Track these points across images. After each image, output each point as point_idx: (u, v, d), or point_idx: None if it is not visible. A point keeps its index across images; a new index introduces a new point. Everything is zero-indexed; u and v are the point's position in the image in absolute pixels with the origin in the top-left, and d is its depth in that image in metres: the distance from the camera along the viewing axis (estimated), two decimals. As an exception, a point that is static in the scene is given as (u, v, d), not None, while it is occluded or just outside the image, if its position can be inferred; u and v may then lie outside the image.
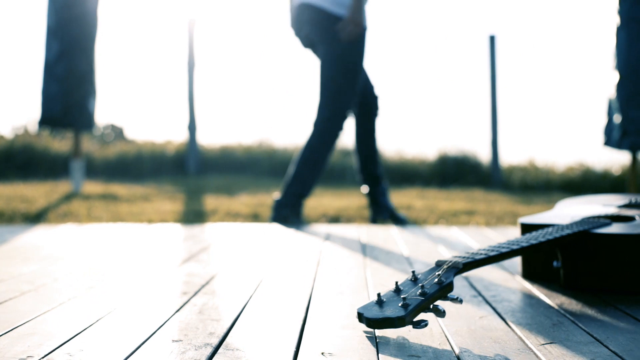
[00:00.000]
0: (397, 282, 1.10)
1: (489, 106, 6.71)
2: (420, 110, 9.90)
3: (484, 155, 7.01)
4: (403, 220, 3.08)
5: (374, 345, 1.01)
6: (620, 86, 3.64)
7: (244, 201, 4.16)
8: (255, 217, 3.36)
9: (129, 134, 10.47)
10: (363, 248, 2.15)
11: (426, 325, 1.01)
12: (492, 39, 6.50)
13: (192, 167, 6.72)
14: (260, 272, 1.68)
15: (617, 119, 3.64)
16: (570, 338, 1.06)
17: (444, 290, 1.08)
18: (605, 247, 1.38)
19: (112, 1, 8.80)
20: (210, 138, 8.87)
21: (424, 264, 1.83)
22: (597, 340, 1.04)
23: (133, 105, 13.62)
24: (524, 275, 1.61)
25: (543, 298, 1.37)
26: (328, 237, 2.46)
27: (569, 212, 1.68)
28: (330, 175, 7.01)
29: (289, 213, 2.95)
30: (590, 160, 6.80)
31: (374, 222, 3.14)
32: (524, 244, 1.32)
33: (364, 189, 3.18)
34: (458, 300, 1.09)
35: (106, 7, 6.21)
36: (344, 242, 2.32)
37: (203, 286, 1.49)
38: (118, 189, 4.89)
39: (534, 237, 1.38)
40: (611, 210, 1.66)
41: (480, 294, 1.41)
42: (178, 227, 2.82)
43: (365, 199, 3.26)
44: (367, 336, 1.06)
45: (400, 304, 1.03)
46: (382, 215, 3.13)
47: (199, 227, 2.83)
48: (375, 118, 3.15)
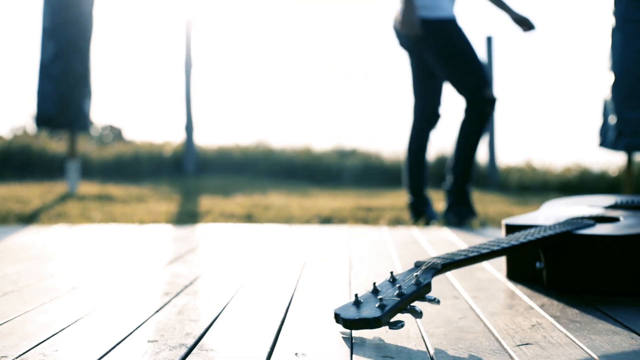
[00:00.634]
0: (374, 283, 1.10)
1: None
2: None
3: (481, 156, 7.00)
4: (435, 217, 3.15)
5: (348, 346, 1.01)
6: (616, 87, 3.63)
7: (239, 202, 4.16)
8: (248, 218, 3.36)
9: (128, 135, 10.50)
10: (351, 250, 2.15)
11: (402, 326, 1.00)
12: (489, 40, 6.50)
13: (189, 168, 6.72)
14: (245, 273, 1.68)
15: (613, 120, 3.63)
16: (547, 339, 1.05)
17: (421, 291, 1.08)
18: (587, 248, 1.38)
19: (109, 2, 8.80)
20: (208, 139, 8.86)
21: (410, 266, 1.83)
22: (574, 342, 1.04)
23: (131, 106, 13.66)
24: (509, 276, 1.60)
25: (525, 299, 1.37)
26: (318, 238, 2.46)
27: (554, 213, 1.68)
28: (327, 176, 7.02)
29: (467, 210, 3.06)
30: (587, 161, 6.79)
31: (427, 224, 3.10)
32: (505, 245, 1.32)
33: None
34: (436, 301, 1.09)
35: (103, 8, 6.21)
36: (333, 243, 2.31)
37: (186, 287, 1.49)
38: (114, 189, 4.89)
39: (515, 238, 1.37)
40: (596, 211, 1.65)
41: (462, 295, 1.40)
42: (169, 228, 2.81)
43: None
44: (343, 337, 1.06)
45: (377, 305, 1.03)
46: (429, 218, 3.15)
47: (190, 228, 2.83)
48: (431, 130, 3.33)
